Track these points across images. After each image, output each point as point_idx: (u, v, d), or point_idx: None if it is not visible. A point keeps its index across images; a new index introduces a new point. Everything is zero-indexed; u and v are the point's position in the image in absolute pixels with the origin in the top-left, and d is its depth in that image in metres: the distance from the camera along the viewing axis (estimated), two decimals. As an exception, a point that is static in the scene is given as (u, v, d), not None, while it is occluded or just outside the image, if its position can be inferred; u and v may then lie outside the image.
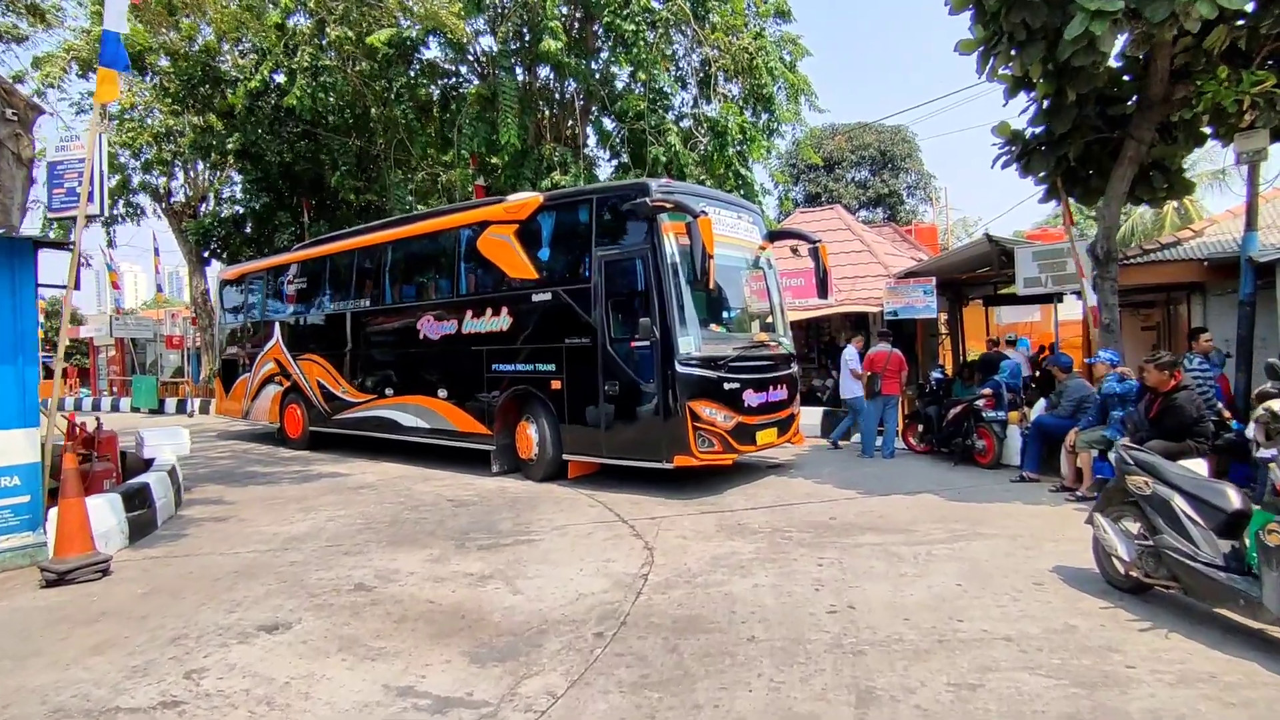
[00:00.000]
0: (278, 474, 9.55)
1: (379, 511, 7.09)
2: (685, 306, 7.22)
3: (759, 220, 8.86)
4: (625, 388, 7.48)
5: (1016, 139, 7.88)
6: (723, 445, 7.29)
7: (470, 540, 5.90)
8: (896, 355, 9.40)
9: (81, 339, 27.61)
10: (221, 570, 5.26)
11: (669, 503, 7.04)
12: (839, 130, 29.77)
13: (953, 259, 11.26)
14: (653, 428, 7.30)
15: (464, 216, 9.29)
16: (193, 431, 15.79)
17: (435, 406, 9.55)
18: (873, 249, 13.64)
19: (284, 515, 7.04)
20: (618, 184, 7.95)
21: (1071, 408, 7.14)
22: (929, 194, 30.78)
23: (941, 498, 6.90)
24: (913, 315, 11.10)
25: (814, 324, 14.12)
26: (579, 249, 7.96)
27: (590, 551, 5.44)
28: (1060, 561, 4.73)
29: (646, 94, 14.59)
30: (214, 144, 18.73)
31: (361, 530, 6.37)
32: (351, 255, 10.97)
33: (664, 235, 7.23)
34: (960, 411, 8.53)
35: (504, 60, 14.29)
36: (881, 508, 6.54)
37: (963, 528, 5.72)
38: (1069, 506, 6.40)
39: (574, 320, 7.90)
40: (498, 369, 8.75)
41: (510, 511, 6.91)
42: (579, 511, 6.81)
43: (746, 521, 6.20)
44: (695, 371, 7.16)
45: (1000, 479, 7.72)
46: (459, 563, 5.28)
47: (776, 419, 8.03)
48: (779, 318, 8.88)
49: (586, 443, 7.90)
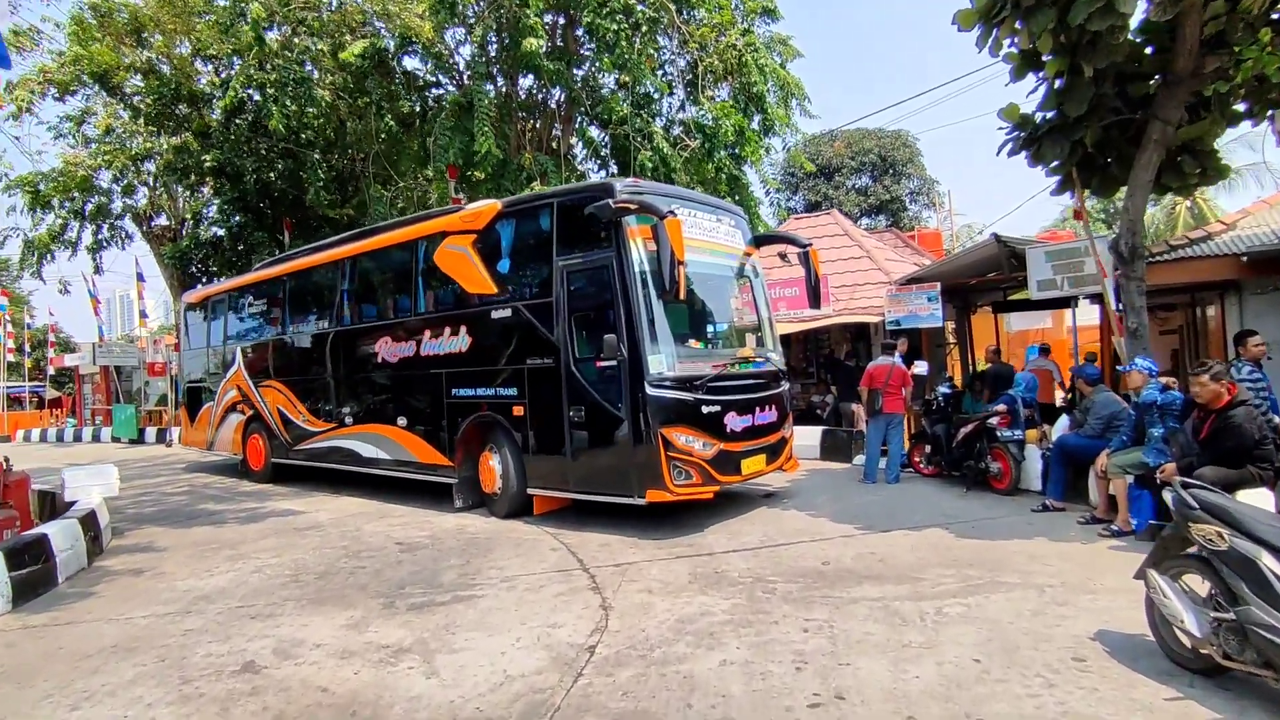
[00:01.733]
0: (227, 513, 8.75)
1: (315, 560, 6.27)
2: (656, 321, 6.40)
3: (742, 224, 8.05)
4: (591, 413, 6.66)
5: (1025, 124, 7.05)
6: (702, 477, 6.43)
7: (403, 597, 5.07)
8: (900, 369, 8.54)
9: (68, 367, 27.04)
10: (99, 644, 4.44)
11: (641, 544, 6.19)
12: (837, 136, 29.03)
13: (958, 263, 10.43)
14: (622, 458, 6.47)
15: (420, 228, 8.53)
16: (163, 463, 15.14)
17: (395, 436, 8.75)
18: (872, 255, 12.82)
19: (209, 565, 6.23)
20: (580, 185, 7.19)
21: (1100, 425, 6.25)
22: (932, 199, 29.95)
23: (952, 533, 6.01)
24: (916, 324, 10.25)
25: (812, 336, 13.27)
26: (540, 260, 7.17)
27: (536, 612, 4.59)
28: (1103, 624, 3.84)
29: (631, 98, 13.90)
30: (189, 163, 18.16)
31: (286, 584, 5.55)
32: (307, 274, 10.25)
33: (630, 241, 6.43)
34: (972, 430, 7.64)
35: (480, 67, 13.63)
36: (883, 548, 5.66)
37: (978, 574, 4.83)
38: (1104, 544, 5.49)
39: (536, 339, 7.10)
40: (458, 394, 7.95)
41: (460, 558, 6.08)
42: (537, 557, 5.97)
43: (726, 568, 5.33)
44: (668, 394, 6.32)
45: (1019, 508, 6.82)
46: (379, 629, 4.44)
47: (765, 444, 7.17)
48: (767, 331, 8.05)
49: (552, 475, 7.07)
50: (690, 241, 6.90)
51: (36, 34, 19.11)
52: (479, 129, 12.81)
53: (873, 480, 8.47)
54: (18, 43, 18.89)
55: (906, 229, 24.88)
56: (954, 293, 12.55)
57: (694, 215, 7.13)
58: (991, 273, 10.60)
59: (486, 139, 12.77)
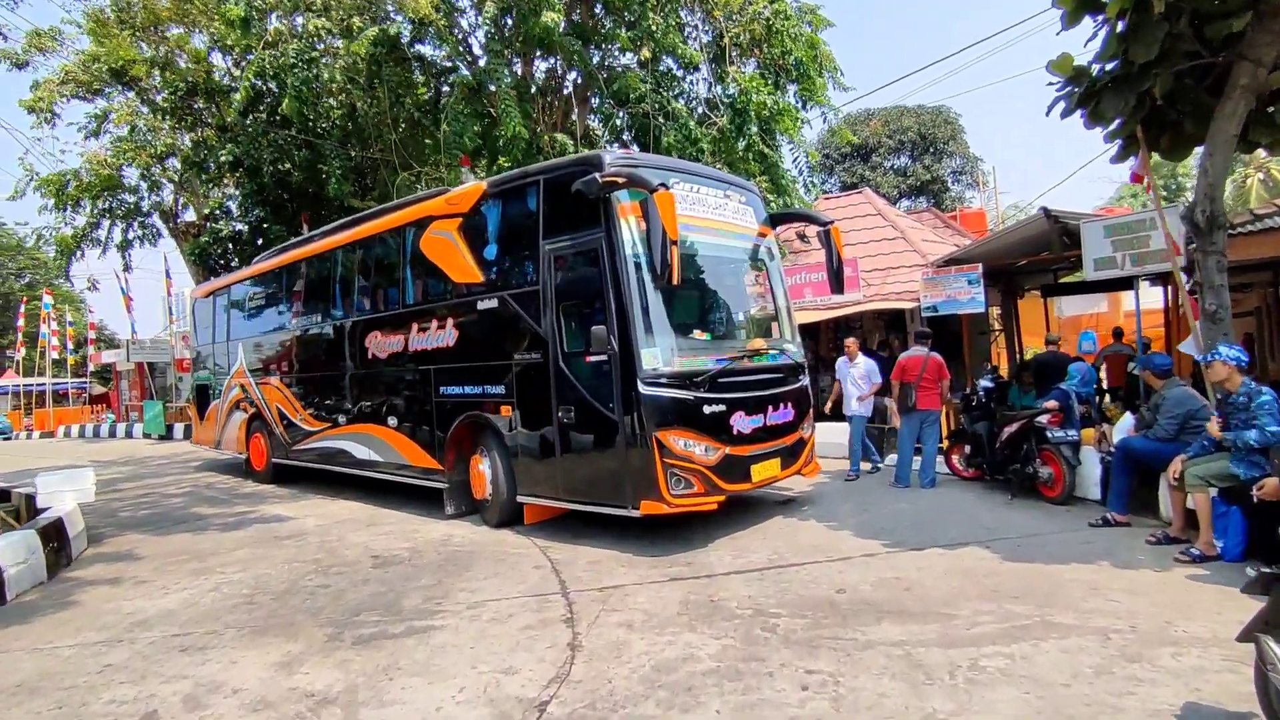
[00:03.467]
0: (215, 518, 8.34)
1: (280, 576, 5.74)
2: (651, 310, 5.66)
3: (755, 201, 7.22)
4: (581, 414, 5.97)
5: (1080, 77, 6.07)
6: (704, 485, 5.69)
7: (355, 626, 4.47)
8: (935, 360, 7.64)
9: (107, 364, 27.57)
10: (7, 680, 3.94)
11: (634, 562, 5.49)
12: (874, 115, 27.67)
13: (1002, 242, 9.40)
14: (613, 465, 5.77)
15: (405, 214, 7.93)
16: (179, 461, 14.98)
17: (386, 437, 8.22)
18: (907, 236, 11.82)
19: (169, 581, 5.77)
20: (566, 159, 6.48)
21: (1174, 426, 5.29)
22: (976, 178, 28.34)
23: (994, 553, 5.15)
24: (955, 310, 9.29)
25: (842, 325, 12.35)
26: (528, 244, 6.49)
27: (494, 651, 3.93)
28: (1192, 692, 2.99)
29: (650, 74, 13.10)
30: (207, 158, 18.00)
31: (238, 607, 5.02)
32: (298, 266, 9.78)
33: (621, 219, 5.70)
34: (1018, 430, 6.72)
35: (495, 44, 12.91)
36: (911, 571, 4.84)
37: (1025, 612, 4.00)
38: (1182, 572, 4.57)
39: (523, 332, 6.44)
40: (447, 392, 7.35)
41: (433, 576, 5.47)
42: (516, 577, 5.32)
43: (724, 595, 4.60)
44: (664, 393, 5.59)
45: (1075, 520, 5.91)
46: (312, 670, 3.84)
47: (779, 447, 6.39)
48: (785, 319, 7.24)
49: (542, 482, 6.42)
50: (694, 220, 6.19)
51: (58, 35, 19.27)
52: (503, 110, 12.12)
53: (905, 484, 7.62)
54: (40, 44, 19.08)
55: (948, 211, 23.52)
56: (998, 275, 11.49)
57: (697, 191, 6.36)
58: (1041, 253, 9.56)
59: (512, 120, 12.07)
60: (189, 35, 18.01)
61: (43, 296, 28.67)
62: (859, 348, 8.45)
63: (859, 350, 8.37)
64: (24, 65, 19.08)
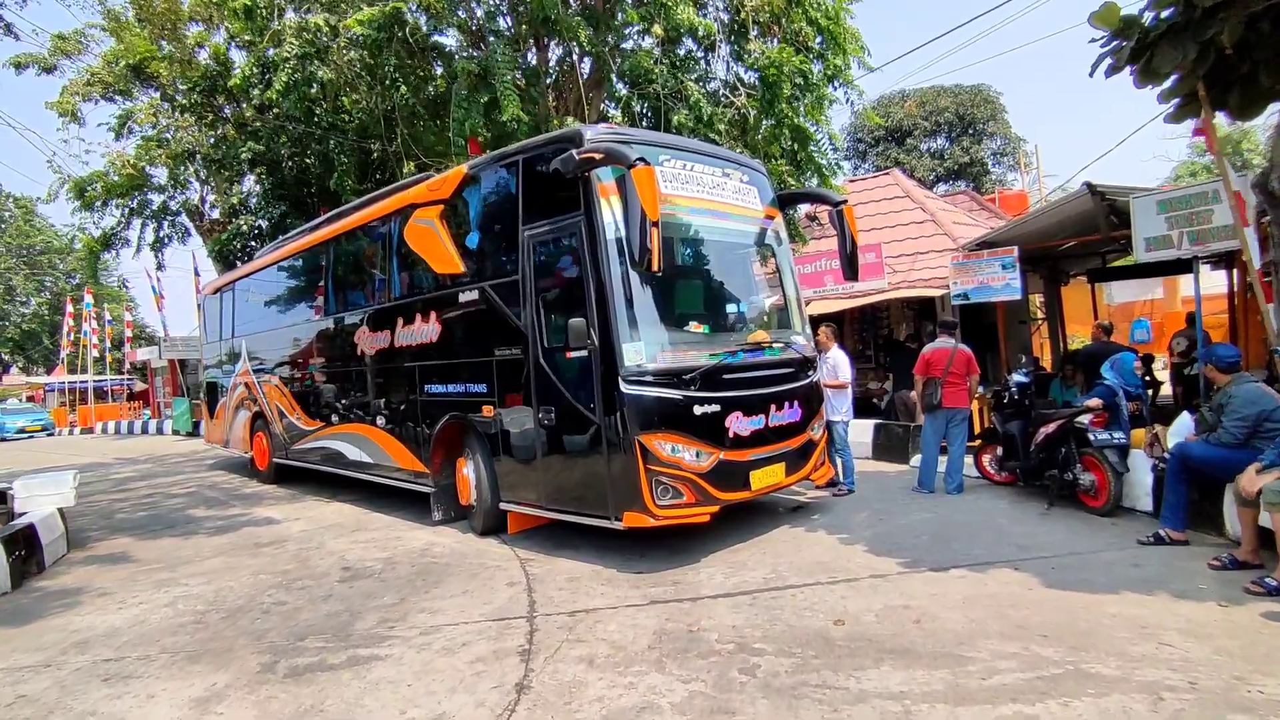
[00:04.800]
0: (207, 520, 8.10)
1: (242, 589, 5.37)
2: (635, 300, 5.10)
3: (760, 180, 6.58)
4: (561, 415, 5.45)
5: (1130, 28, 5.27)
6: (695, 495, 5.11)
7: (294, 654, 4.04)
8: (963, 353, 6.91)
9: (142, 362, 28.13)
10: (-93, 714, 3.60)
11: (616, 579, 4.96)
12: (908, 96, 26.46)
13: (1041, 222, 8.55)
14: (594, 472, 5.24)
15: (390, 203, 7.50)
16: (196, 459, 14.92)
17: (375, 437, 7.84)
18: (938, 218, 10.98)
19: (129, 594, 5.45)
20: (546, 136, 5.94)
21: (1243, 430, 4.51)
22: (1019, 160, 26.89)
23: (1026, 575, 4.47)
24: (988, 297, 8.50)
25: (869, 315, 11.58)
26: (508, 230, 5.98)
27: (432, 690, 3.45)
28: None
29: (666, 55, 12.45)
30: (228, 154, 17.99)
31: (184, 627, 4.64)
32: (293, 260, 9.47)
33: (601, 201, 5.14)
34: (1056, 430, 5.97)
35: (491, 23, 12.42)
36: (924, 597, 4.20)
37: (1056, 656, 3.33)
38: (1256, 607, 3.80)
39: (503, 325, 5.95)
40: (431, 391, 6.92)
41: (399, 592, 5.02)
42: (484, 595, 4.84)
43: (706, 624, 4.03)
44: (649, 392, 5.02)
45: (1122, 537, 5.17)
46: (229, 709, 3.41)
47: (783, 450, 5.77)
48: (794, 310, 6.60)
49: (524, 488, 5.92)
50: (688, 200, 5.62)
51: (83, 37, 19.47)
52: (502, 92, 11.64)
53: (929, 489, 6.91)
54: (65, 47, 19.30)
55: (987, 195, 22.31)
56: (1039, 260, 10.61)
57: (691, 169, 5.75)
58: (1088, 234, 8.69)
59: (511, 103, 11.59)
60: (209, 33, 17.98)
61: (84, 296, 29.35)
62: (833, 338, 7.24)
63: (832, 342, 7.19)
64: (51, 69, 19.35)
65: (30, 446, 22.83)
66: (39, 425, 26.58)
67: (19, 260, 46.68)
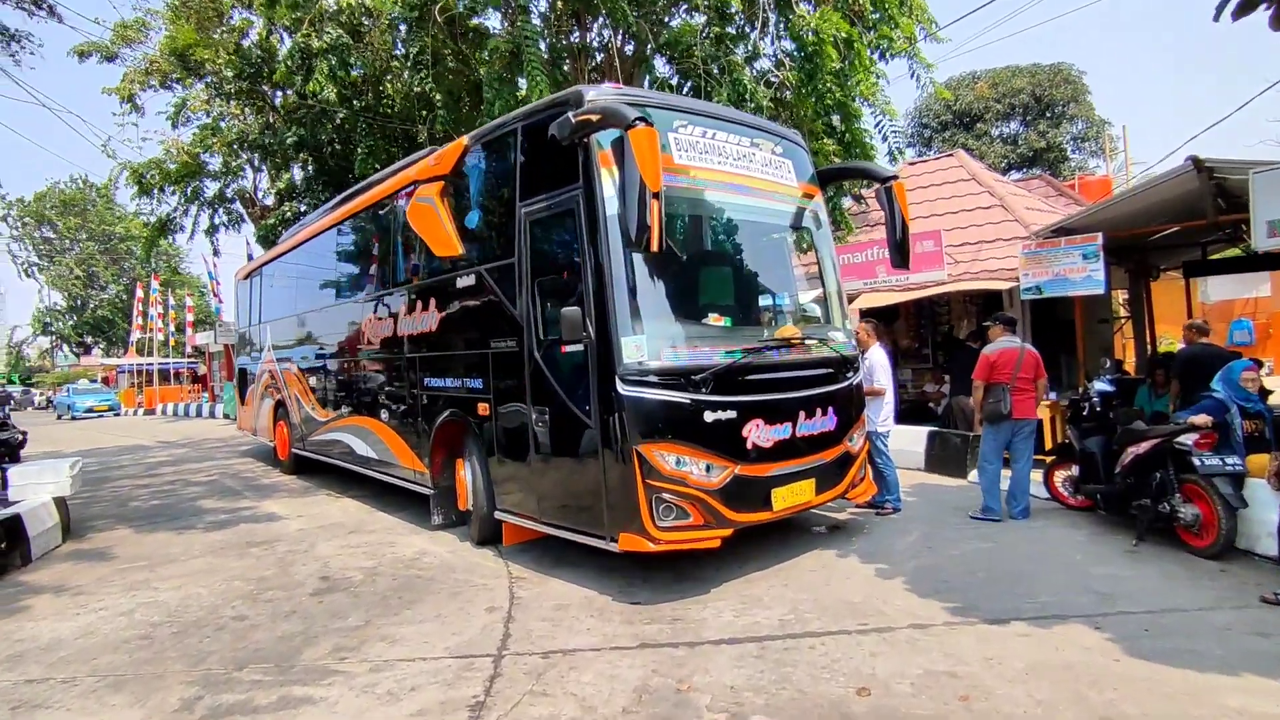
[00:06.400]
0: (212, 514, 7.82)
1: (207, 599, 4.94)
2: (639, 287, 4.38)
3: (797, 153, 5.73)
4: (556, 418, 4.80)
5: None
6: (704, 515, 4.38)
7: (224, 687, 3.52)
8: (1031, 354, 5.93)
9: (199, 346, 28.95)
10: None
11: (609, 610, 4.28)
12: (980, 76, 24.72)
13: (1132, 205, 7.39)
14: (588, 484, 4.57)
15: (395, 182, 6.98)
16: (230, 445, 14.84)
17: (379, 431, 7.38)
18: (1007, 203, 9.84)
19: (95, 599, 5.09)
20: (547, 100, 5.25)
21: None
22: (1102, 145, 24.80)
23: (1110, 638, 3.56)
24: (1065, 291, 7.42)
25: (925, 308, 10.53)
26: (506, 207, 5.34)
27: (353, 756, 2.84)
28: None
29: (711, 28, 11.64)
30: (275, 142, 18.04)
31: (127, 643, 4.21)
32: (310, 243, 9.10)
33: (600, 171, 4.44)
34: (1151, 451, 4.96)
35: None
36: (976, 662, 3.36)
37: (1158, 769, 2.48)
38: None
39: (500, 315, 5.33)
40: (431, 385, 6.37)
41: (367, 612, 4.47)
42: (458, 621, 4.24)
43: (700, 682, 3.30)
44: (651, 393, 4.30)
45: (1235, 589, 4.17)
46: (121, 763, 2.88)
47: (814, 464, 4.96)
48: (834, 302, 5.76)
49: (520, 498, 5.30)
50: (708, 173, 4.88)
51: (144, 25, 19.86)
52: (528, 72, 11.06)
53: (994, 515, 5.92)
54: (127, 35, 19.73)
55: (1066, 181, 20.56)
56: (1125, 252, 9.35)
57: (712, 136, 4.98)
58: (1189, 219, 7.48)
59: (537, 85, 11.01)
60: (251, 20, 18.03)
61: (150, 281, 30.42)
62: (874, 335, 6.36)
63: (873, 340, 6.31)
64: (113, 58, 19.79)
65: (94, 425, 23.71)
66: (106, 405, 27.68)
67: (100, 247, 49.19)
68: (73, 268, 48.84)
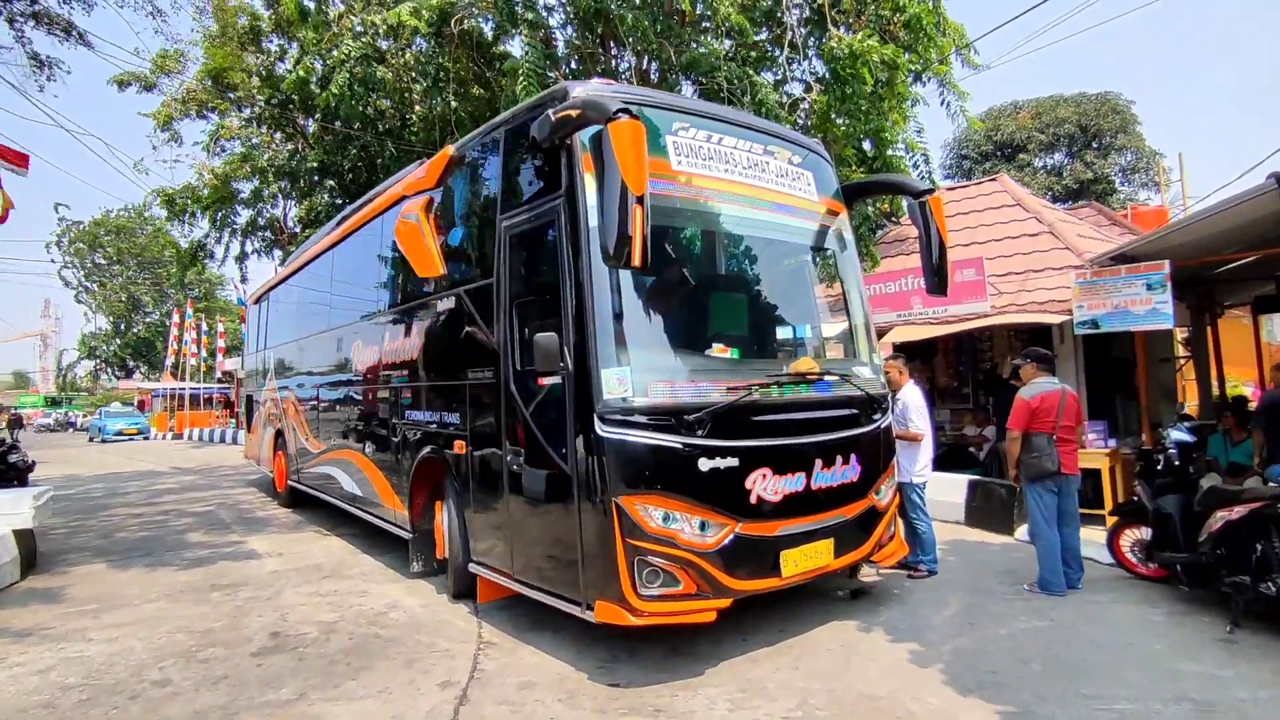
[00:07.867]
0: (191, 549, 7.35)
1: (136, 656, 4.38)
2: (625, 311, 3.77)
3: (819, 165, 5.10)
4: (531, 460, 4.17)
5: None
6: (697, 583, 3.67)
7: (102, 784, 2.90)
8: (1073, 397, 5.12)
9: (229, 371, 29.19)
10: None
11: (579, 695, 3.58)
12: (1022, 106, 23.91)
13: (1204, 229, 6.54)
14: (563, 540, 3.91)
15: (384, 199, 6.54)
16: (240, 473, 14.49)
17: (363, 466, 6.85)
18: (1056, 230, 9.03)
19: (12, 651, 4.56)
20: (531, 100, 4.74)
21: None
22: (1155, 176, 23.65)
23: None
24: (1127, 326, 6.58)
25: (965, 343, 9.70)
26: (488, 220, 4.80)
27: None
28: None
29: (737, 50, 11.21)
30: (299, 167, 18.11)
31: (22, 715, 3.63)
32: (309, 267, 8.74)
33: (584, 178, 3.86)
34: (1248, 517, 4.10)
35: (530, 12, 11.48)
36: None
37: None
38: None
39: (476, 341, 4.76)
40: (411, 418, 5.81)
41: (304, 683, 3.85)
42: (404, 699, 3.59)
43: (673, 810, 2.58)
44: (636, 436, 3.65)
45: (1367, 695, 3.30)
46: None
47: (833, 521, 4.23)
48: (858, 333, 5.07)
49: (494, 550, 4.65)
50: (712, 182, 4.29)
51: (182, 56, 20.33)
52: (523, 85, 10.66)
53: (1055, 589, 4.97)
54: (165, 66, 20.20)
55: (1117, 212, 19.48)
56: (1187, 284, 8.45)
57: (718, 142, 4.38)
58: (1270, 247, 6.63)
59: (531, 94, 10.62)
60: (287, 48, 18.27)
61: (185, 307, 30.96)
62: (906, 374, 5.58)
63: (905, 378, 5.55)
64: (152, 87, 20.23)
65: (121, 449, 23.87)
66: (135, 429, 27.94)
67: (143, 275, 50.69)
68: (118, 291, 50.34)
